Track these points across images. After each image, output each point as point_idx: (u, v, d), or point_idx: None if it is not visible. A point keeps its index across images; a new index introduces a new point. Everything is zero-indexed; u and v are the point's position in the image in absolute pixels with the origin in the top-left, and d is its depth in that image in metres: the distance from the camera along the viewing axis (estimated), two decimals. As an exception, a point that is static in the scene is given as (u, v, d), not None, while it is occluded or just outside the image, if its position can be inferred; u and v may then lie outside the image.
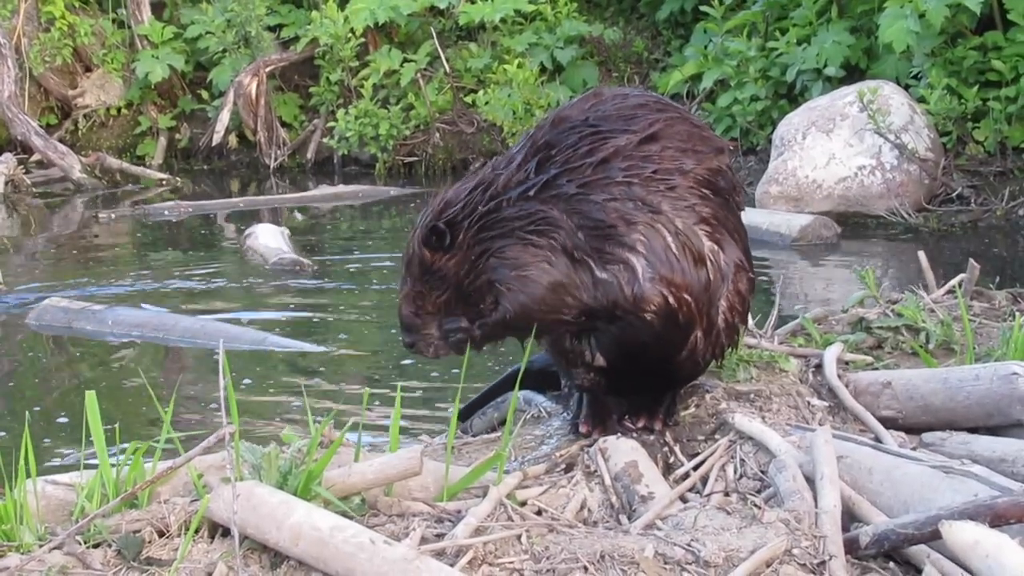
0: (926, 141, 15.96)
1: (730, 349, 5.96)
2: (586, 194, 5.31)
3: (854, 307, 7.46)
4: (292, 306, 12.44)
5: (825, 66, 18.07)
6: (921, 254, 8.22)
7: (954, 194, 16.01)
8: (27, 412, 6.76)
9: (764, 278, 12.62)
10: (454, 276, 5.39)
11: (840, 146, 16.06)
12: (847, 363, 6.69)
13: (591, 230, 5.30)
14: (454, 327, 5.53)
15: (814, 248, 14.61)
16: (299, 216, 18.99)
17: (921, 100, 16.41)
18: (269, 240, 15.16)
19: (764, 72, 19.06)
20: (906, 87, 16.92)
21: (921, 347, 6.86)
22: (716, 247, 5.54)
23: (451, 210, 5.40)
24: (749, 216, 14.78)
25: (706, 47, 20.40)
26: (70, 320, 11.48)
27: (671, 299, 5.42)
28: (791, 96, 18.86)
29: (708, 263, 5.50)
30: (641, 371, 5.71)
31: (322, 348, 10.37)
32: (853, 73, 18.12)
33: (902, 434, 5.95)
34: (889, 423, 6.09)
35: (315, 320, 11.72)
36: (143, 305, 12.07)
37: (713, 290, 5.57)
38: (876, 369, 6.64)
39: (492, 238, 5.32)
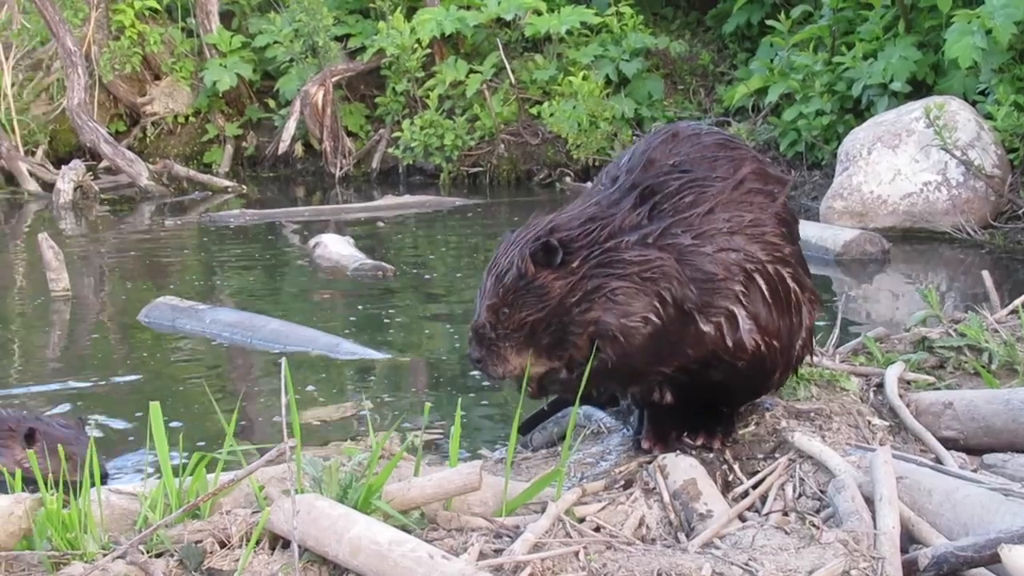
0: (993, 158, 15.84)
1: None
2: (698, 246, 5.38)
3: (916, 326, 7.43)
4: (360, 314, 12.49)
5: (891, 81, 17.99)
6: (985, 273, 8.19)
7: (1020, 211, 15.85)
8: (93, 420, 6.83)
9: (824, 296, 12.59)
10: (556, 298, 5.30)
11: (906, 162, 15.97)
12: (908, 383, 6.67)
13: (701, 283, 5.37)
14: (550, 373, 5.47)
15: (858, 264, 14.49)
16: (382, 224, 19.06)
17: (988, 116, 16.29)
18: (341, 248, 15.22)
19: (830, 86, 19.00)
20: (973, 103, 16.81)
21: (983, 367, 6.83)
22: (797, 287, 5.67)
23: (563, 234, 5.36)
24: (802, 229, 14.85)
25: (772, 61, 20.36)
26: (175, 318, 11.77)
27: (763, 346, 5.56)
28: (857, 111, 18.78)
29: (792, 306, 5.66)
30: (708, 402, 5.77)
31: (390, 356, 10.43)
32: (920, 88, 18.03)
33: (963, 455, 5.93)
34: (950, 444, 6.07)
35: (383, 328, 11.77)
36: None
37: (795, 331, 5.73)
38: (938, 389, 6.61)
39: (609, 276, 5.29)
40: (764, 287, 5.49)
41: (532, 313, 5.30)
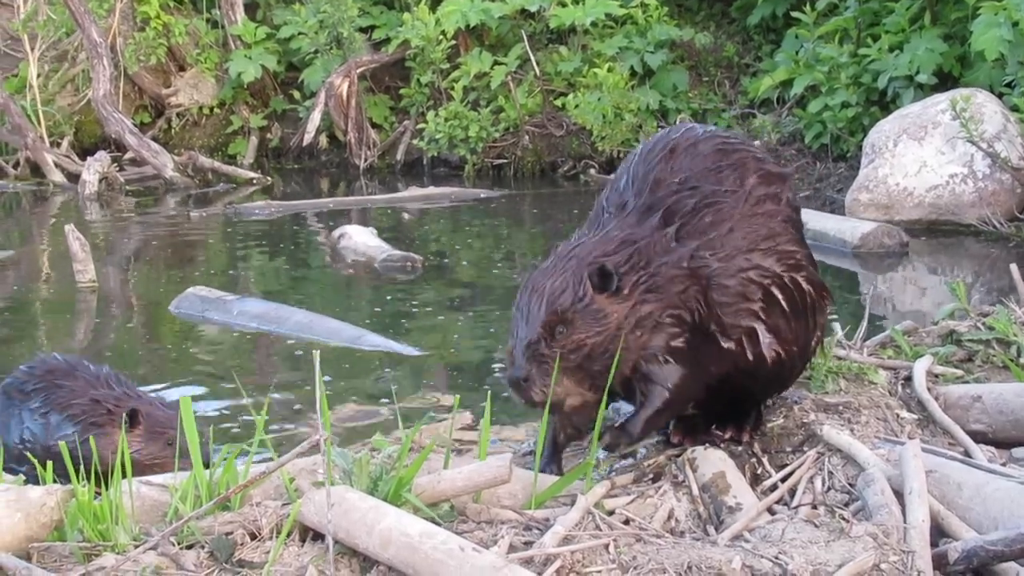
0: (1019, 150, 15.77)
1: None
2: (724, 269, 5.43)
3: (944, 319, 7.42)
4: (386, 306, 12.51)
5: (917, 73, 17.92)
6: (1013, 267, 8.16)
7: (1047, 204, 15.82)
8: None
9: (841, 291, 12.59)
10: (613, 322, 5.23)
11: (932, 154, 15.92)
12: (937, 376, 6.66)
13: (727, 305, 5.43)
14: (584, 403, 5.40)
15: (876, 257, 14.44)
16: (406, 216, 19.08)
17: (1015, 109, 16.22)
18: (367, 239, 15.23)
19: (856, 78, 18.93)
20: (999, 95, 16.74)
21: (1012, 361, 6.82)
22: (811, 288, 5.72)
23: (610, 259, 5.31)
24: (820, 221, 14.80)
25: (797, 52, 20.30)
26: (204, 309, 11.87)
27: (783, 354, 5.64)
28: (882, 103, 18.70)
29: (808, 308, 5.74)
30: (734, 398, 5.78)
31: (415, 350, 10.44)
32: (945, 81, 17.96)
33: (992, 449, 5.93)
34: (979, 437, 6.07)
35: (408, 321, 11.79)
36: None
37: (811, 331, 5.83)
38: (966, 382, 6.61)
39: (657, 302, 5.30)
40: (782, 299, 5.57)
41: (591, 336, 5.22)
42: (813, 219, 15.40)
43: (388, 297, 12.99)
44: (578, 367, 5.22)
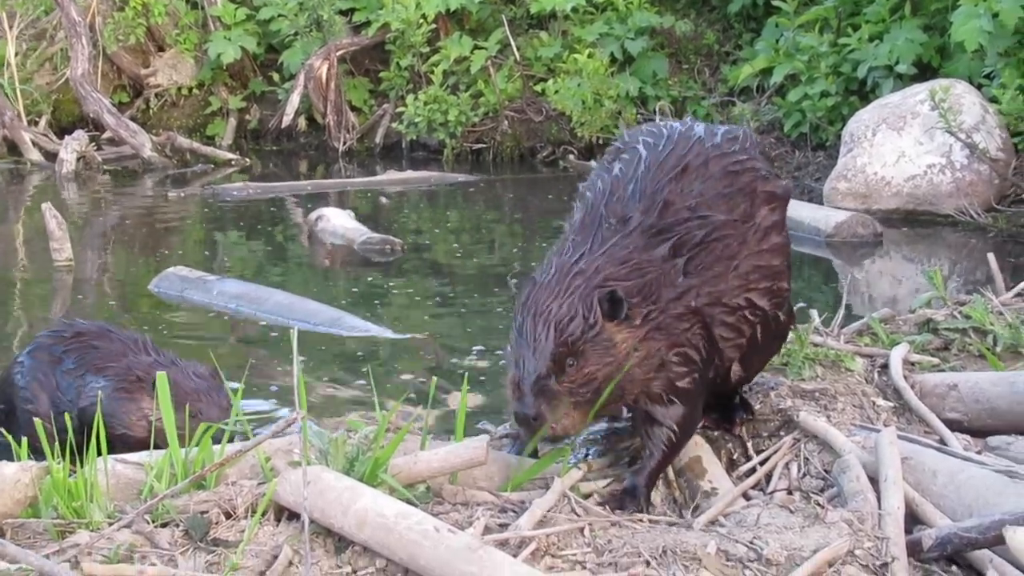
0: (997, 141, 15.81)
1: None
2: (725, 311, 5.34)
3: (921, 308, 7.44)
4: (364, 288, 12.51)
5: (897, 63, 17.92)
6: (990, 256, 8.19)
7: (1024, 195, 15.87)
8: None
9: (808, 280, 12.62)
10: (623, 353, 4.97)
11: (910, 144, 15.96)
12: (913, 364, 6.69)
13: (724, 340, 5.36)
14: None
15: (849, 246, 14.47)
16: (384, 199, 19.05)
17: (993, 100, 16.26)
18: (345, 222, 15.21)
19: (835, 68, 18.93)
20: (978, 86, 16.77)
21: (988, 350, 6.84)
22: (787, 320, 5.79)
23: (619, 284, 5.02)
24: (796, 209, 14.85)
25: (777, 41, 20.28)
26: (184, 288, 11.86)
27: (745, 378, 5.79)
28: (862, 93, 18.71)
29: (776, 336, 5.79)
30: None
31: (393, 333, 10.43)
32: (925, 71, 17.98)
33: (967, 437, 5.95)
34: (954, 426, 6.09)
35: (386, 303, 11.79)
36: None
37: (775, 352, 6.02)
38: (942, 371, 6.63)
39: (668, 337, 5.11)
40: (760, 335, 5.52)
41: (601, 368, 4.93)
42: (789, 208, 15.40)
43: (367, 279, 12.98)
44: (593, 399, 4.95)
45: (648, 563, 4.42)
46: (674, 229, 5.22)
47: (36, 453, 5.30)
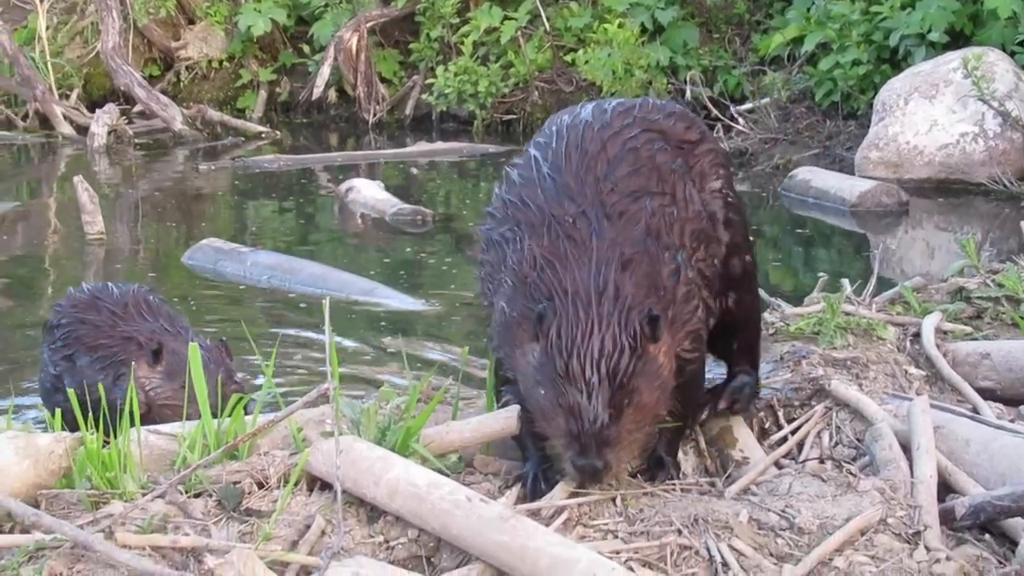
0: (1030, 109, 15.76)
1: None
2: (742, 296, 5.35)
3: (954, 276, 7.41)
4: (394, 260, 12.53)
5: (929, 31, 17.82)
6: (1023, 224, 8.15)
7: (1058, 163, 15.77)
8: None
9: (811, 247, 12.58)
10: (665, 374, 4.65)
11: (942, 112, 15.90)
12: (945, 333, 6.65)
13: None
14: (653, 470, 4.96)
15: (873, 216, 14.43)
16: (414, 171, 19.06)
17: (1026, 67, 16.21)
18: (376, 193, 15.23)
19: (867, 36, 18.83)
20: (1011, 54, 16.69)
21: (1022, 318, 6.80)
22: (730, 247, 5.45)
23: (649, 300, 4.64)
24: (823, 179, 14.81)
25: (808, 9, 20.16)
26: (218, 260, 11.90)
27: None
28: (894, 61, 18.62)
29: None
30: None
31: (426, 303, 10.46)
32: (957, 39, 17.87)
33: (1000, 406, 5.92)
34: (987, 394, 6.06)
35: (418, 274, 11.82)
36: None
37: None
38: (975, 339, 6.60)
39: (684, 327, 4.83)
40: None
41: (654, 395, 4.59)
42: (816, 177, 15.42)
43: (398, 250, 13.00)
44: (645, 433, 4.70)
45: (680, 532, 4.42)
46: (629, 210, 4.84)
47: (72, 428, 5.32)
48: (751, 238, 5.52)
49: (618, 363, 4.47)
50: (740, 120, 19.39)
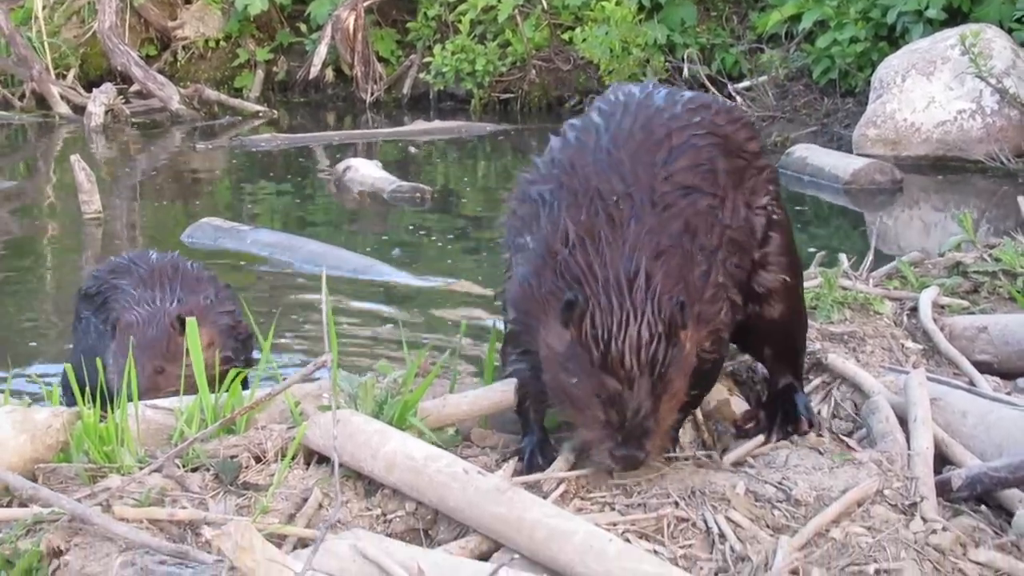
0: (1028, 86, 15.76)
1: None
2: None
3: (951, 251, 7.42)
4: (392, 237, 12.53)
5: (927, 8, 17.79)
6: (1021, 199, 8.16)
7: (1055, 140, 15.76)
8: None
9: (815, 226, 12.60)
10: (689, 361, 4.57)
11: (940, 89, 15.89)
12: (942, 307, 6.66)
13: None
14: None
15: (866, 193, 14.44)
16: (412, 149, 19.06)
17: (1024, 44, 16.19)
18: (373, 171, 15.24)
19: (864, 13, 18.79)
20: (1009, 31, 16.67)
21: (1019, 292, 6.81)
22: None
23: (678, 288, 4.54)
24: (819, 157, 14.83)
25: (806, -13, 20.18)
26: (218, 238, 11.92)
27: None
28: (891, 38, 18.59)
29: None
30: None
31: (423, 281, 10.47)
32: (955, 16, 17.84)
33: (997, 379, 5.93)
34: (984, 368, 6.07)
35: (414, 252, 11.83)
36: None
37: None
38: (972, 313, 6.61)
39: (707, 325, 4.71)
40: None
41: (683, 385, 4.54)
42: (812, 155, 15.43)
43: (397, 228, 13.00)
44: (675, 420, 4.73)
45: (677, 503, 4.43)
46: (676, 204, 4.73)
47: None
48: (795, 255, 5.37)
49: (655, 352, 4.40)
50: (738, 98, 19.33)
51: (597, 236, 4.57)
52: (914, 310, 6.52)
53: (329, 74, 24.48)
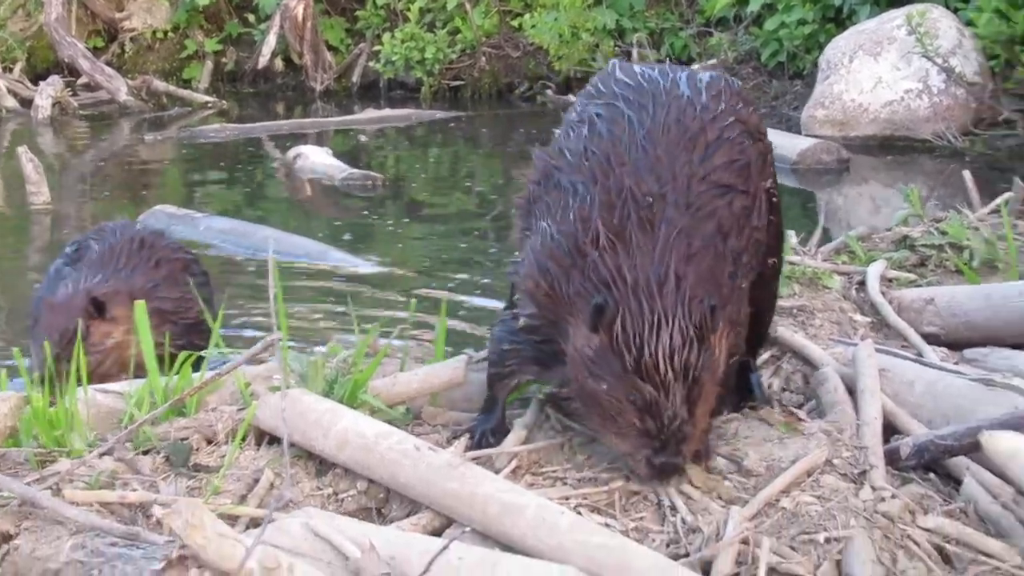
0: (974, 65, 15.81)
1: None
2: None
3: (898, 225, 7.47)
4: (344, 224, 12.51)
5: (874, -11, 17.89)
6: (966, 173, 8.21)
7: (1001, 118, 15.82)
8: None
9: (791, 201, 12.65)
10: (722, 363, 4.50)
11: (887, 70, 15.95)
12: (890, 280, 6.72)
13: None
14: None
15: (813, 173, 14.51)
16: (363, 138, 19.02)
17: (969, 23, 16.22)
18: (324, 159, 15.21)
19: (812, -5, 18.90)
20: (955, 10, 16.73)
21: (965, 265, 6.87)
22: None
23: (710, 291, 4.47)
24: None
25: (754, -30, 20.22)
26: (170, 225, 11.83)
27: None
28: (838, 20, 18.64)
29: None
30: None
31: (375, 266, 10.48)
32: (901, -4, 17.94)
33: (944, 350, 5.98)
34: (931, 339, 6.12)
35: (366, 238, 11.81)
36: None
37: None
38: (919, 286, 6.66)
39: (734, 327, 4.66)
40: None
41: (715, 388, 4.48)
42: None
43: (348, 214, 12.98)
44: (708, 423, 4.61)
45: (628, 478, 4.44)
46: (711, 204, 4.66)
47: None
48: (784, 238, 5.39)
49: (688, 357, 4.31)
50: (687, 82, 19.33)
51: (628, 239, 4.49)
52: (862, 284, 6.58)
53: (278, 64, 24.43)
